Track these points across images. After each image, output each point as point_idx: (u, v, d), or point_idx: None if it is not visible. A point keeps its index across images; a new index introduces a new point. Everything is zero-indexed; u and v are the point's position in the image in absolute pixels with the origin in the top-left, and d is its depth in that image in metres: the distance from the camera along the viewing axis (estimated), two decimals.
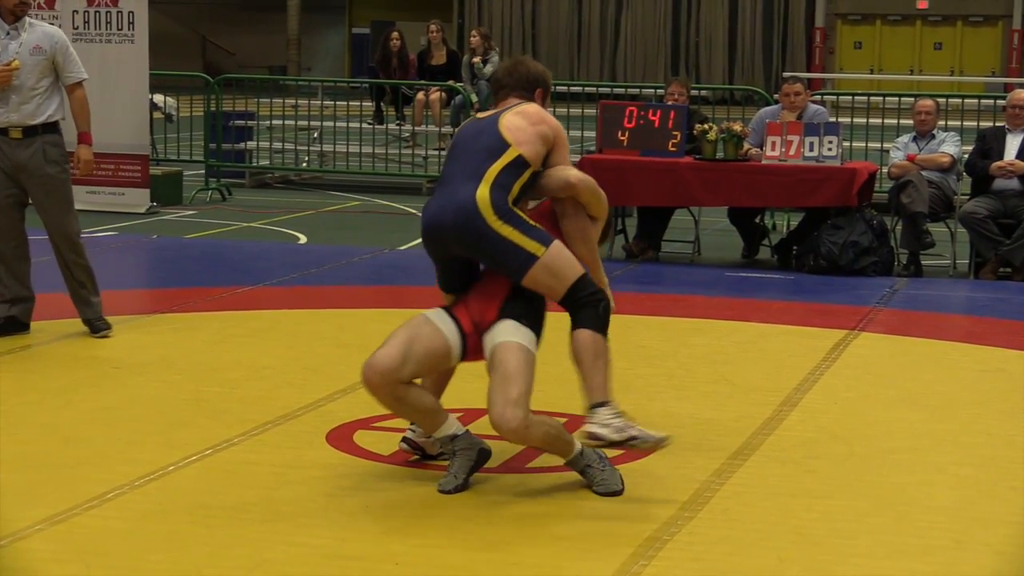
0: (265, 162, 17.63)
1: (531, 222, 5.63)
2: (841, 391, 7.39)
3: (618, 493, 5.56)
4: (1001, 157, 11.32)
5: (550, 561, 4.87)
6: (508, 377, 5.43)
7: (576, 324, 5.59)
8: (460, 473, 5.58)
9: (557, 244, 5.61)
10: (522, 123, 5.72)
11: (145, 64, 13.99)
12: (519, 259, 5.55)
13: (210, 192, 15.63)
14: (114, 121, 13.88)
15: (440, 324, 5.61)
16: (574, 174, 5.77)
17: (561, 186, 5.75)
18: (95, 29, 13.90)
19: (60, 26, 13.72)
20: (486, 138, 5.71)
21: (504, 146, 5.66)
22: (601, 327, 5.57)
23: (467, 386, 6.21)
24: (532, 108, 5.81)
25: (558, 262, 5.57)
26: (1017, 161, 11.23)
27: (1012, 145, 11.36)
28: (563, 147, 5.82)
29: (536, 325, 5.62)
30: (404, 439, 5.93)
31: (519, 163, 5.66)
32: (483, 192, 5.57)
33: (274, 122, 17.86)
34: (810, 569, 4.87)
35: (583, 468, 5.63)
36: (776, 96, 13.08)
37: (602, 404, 5.51)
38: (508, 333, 5.53)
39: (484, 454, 5.68)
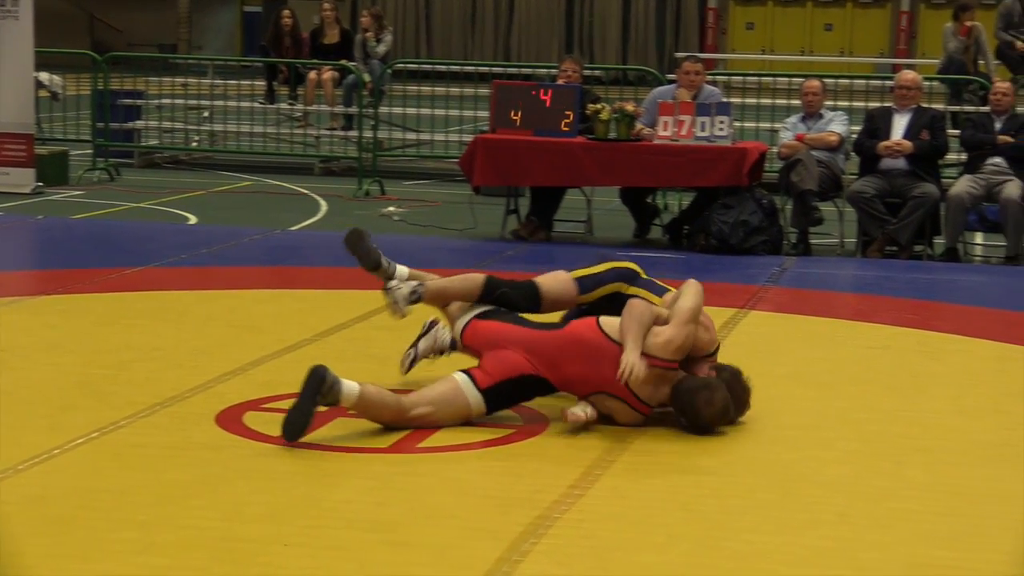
0: (154, 141, 17.41)
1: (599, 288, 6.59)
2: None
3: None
4: (888, 137, 11.47)
5: (440, 541, 4.86)
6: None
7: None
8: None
9: (568, 281, 6.61)
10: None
11: (30, 41, 13.73)
12: None
13: (97, 172, 15.40)
14: None
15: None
16: (671, 332, 6.05)
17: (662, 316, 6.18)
18: None
19: None
20: None
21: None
22: (507, 294, 6.51)
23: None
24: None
25: (550, 280, 6.64)
26: (904, 141, 11.39)
27: (899, 125, 11.52)
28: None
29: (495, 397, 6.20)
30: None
31: (622, 273, 6.68)
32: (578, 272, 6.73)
33: (163, 101, 17.64)
34: (699, 544, 4.91)
35: None
36: (670, 76, 13.14)
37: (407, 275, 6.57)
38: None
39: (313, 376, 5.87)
